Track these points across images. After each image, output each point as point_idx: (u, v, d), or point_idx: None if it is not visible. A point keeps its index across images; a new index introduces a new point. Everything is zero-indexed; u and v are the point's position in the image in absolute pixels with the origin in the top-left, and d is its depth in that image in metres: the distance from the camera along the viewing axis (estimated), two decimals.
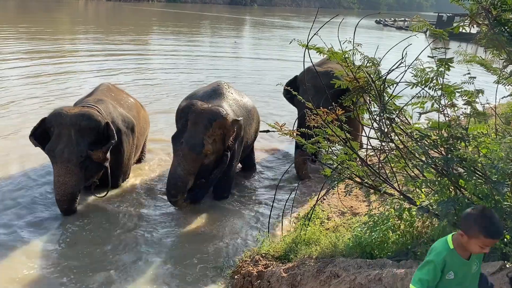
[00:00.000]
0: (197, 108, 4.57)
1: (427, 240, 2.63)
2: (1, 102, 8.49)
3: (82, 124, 4.45)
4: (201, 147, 4.49)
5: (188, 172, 4.52)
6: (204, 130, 4.50)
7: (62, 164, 4.37)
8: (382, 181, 2.84)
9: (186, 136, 4.50)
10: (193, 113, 4.55)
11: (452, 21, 34.80)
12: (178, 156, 4.54)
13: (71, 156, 4.38)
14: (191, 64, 14.68)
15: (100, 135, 4.58)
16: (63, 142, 4.40)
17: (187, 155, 4.49)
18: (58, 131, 4.43)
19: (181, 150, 4.50)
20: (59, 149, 4.37)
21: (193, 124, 4.53)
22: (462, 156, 2.28)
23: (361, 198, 4.70)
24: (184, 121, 4.59)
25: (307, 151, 3.34)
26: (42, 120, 4.58)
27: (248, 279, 3.28)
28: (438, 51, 2.51)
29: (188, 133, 4.52)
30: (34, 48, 15.52)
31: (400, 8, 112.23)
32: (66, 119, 4.43)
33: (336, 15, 2.98)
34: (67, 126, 4.41)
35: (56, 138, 4.42)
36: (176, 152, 4.57)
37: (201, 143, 4.49)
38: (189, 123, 4.55)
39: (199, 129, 4.51)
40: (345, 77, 2.95)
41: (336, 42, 2.81)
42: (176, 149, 4.59)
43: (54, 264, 3.83)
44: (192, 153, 4.48)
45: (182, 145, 4.49)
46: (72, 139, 4.41)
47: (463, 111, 2.71)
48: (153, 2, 60.51)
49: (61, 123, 4.42)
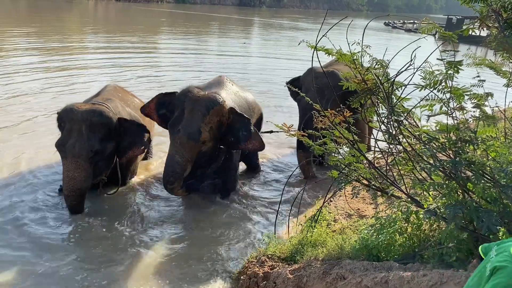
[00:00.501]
0: (193, 95, 4.56)
1: (434, 244, 2.62)
2: (10, 99, 8.59)
3: (94, 120, 4.49)
4: (198, 134, 4.48)
5: (186, 159, 4.51)
6: (201, 117, 4.49)
7: (72, 159, 4.40)
8: (390, 184, 2.83)
9: (184, 124, 4.48)
10: (190, 100, 4.53)
11: (462, 24, 34.71)
12: (175, 143, 4.51)
13: (82, 151, 4.41)
14: (200, 64, 14.74)
15: (112, 132, 4.63)
16: (74, 137, 4.43)
17: (185, 143, 4.47)
18: (69, 126, 4.46)
19: (178, 138, 4.48)
20: (70, 144, 4.41)
21: (190, 111, 4.51)
22: (470, 159, 2.27)
23: (368, 200, 4.68)
24: (181, 108, 4.56)
25: (312, 152, 3.34)
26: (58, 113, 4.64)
27: (254, 280, 3.28)
28: (447, 53, 2.50)
29: (185, 120, 4.49)
30: (43, 46, 15.69)
31: (409, 10, 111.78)
32: (78, 114, 4.47)
33: (345, 17, 2.99)
34: (78, 121, 4.45)
35: (67, 133, 4.46)
36: (174, 140, 4.54)
37: (198, 130, 4.47)
38: (185, 110, 4.52)
39: (196, 116, 4.49)
40: (353, 79, 2.95)
41: (344, 44, 2.81)
42: (173, 137, 4.55)
43: (61, 262, 3.85)
44: (189, 140, 4.47)
45: (180, 133, 4.46)
46: (83, 134, 4.44)
47: (472, 114, 2.69)
48: (162, 3, 60.76)
49: (72, 118, 4.46)
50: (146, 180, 5.60)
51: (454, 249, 2.38)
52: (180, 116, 4.55)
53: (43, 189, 5.13)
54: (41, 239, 4.17)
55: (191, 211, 4.94)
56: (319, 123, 3.18)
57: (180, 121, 4.53)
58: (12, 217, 4.49)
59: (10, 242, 4.07)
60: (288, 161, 6.65)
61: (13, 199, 4.83)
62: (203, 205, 5.09)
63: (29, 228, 4.32)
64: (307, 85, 5.55)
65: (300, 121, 5.74)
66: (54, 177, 5.40)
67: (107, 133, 4.60)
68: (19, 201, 4.81)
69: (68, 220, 4.53)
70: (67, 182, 4.43)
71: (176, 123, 4.55)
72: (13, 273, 3.65)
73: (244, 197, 5.39)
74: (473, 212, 2.13)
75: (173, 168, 4.49)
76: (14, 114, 7.67)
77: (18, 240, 4.12)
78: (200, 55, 17.00)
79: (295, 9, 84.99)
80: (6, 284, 3.51)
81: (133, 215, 4.74)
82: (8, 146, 6.24)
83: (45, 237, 4.20)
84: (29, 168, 5.62)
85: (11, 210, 4.61)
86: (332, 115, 3.04)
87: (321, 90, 5.08)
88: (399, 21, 54.27)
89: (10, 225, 4.34)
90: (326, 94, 5.13)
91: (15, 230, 4.27)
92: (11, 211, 4.58)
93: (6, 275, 3.61)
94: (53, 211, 4.67)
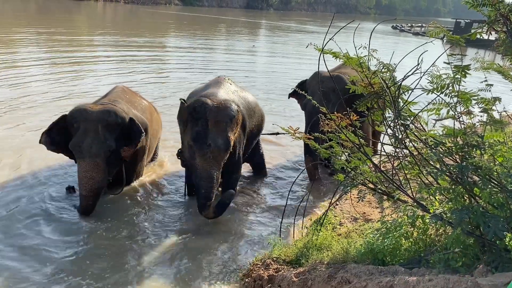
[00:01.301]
0: (213, 107, 4.51)
1: (440, 249, 2.60)
2: (18, 100, 8.69)
3: (109, 120, 4.55)
4: (228, 145, 4.50)
5: (219, 172, 4.53)
6: (227, 127, 4.50)
7: (90, 159, 4.43)
8: (396, 188, 2.82)
9: (212, 137, 4.43)
10: (212, 112, 4.48)
11: (470, 28, 34.52)
12: (206, 158, 4.44)
13: (99, 151, 4.45)
14: (207, 66, 14.80)
15: (123, 132, 4.67)
16: (91, 137, 4.45)
17: (217, 155, 4.46)
18: (84, 127, 4.48)
19: (210, 152, 4.42)
20: (87, 144, 4.43)
21: (214, 123, 4.47)
22: (477, 164, 2.26)
23: (374, 204, 4.67)
24: (204, 121, 4.47)
25: (319, 156, 3.34)
26: (62, 117, 4.64)
27: (259, 282, 3.28)
28: (454, 57, 2.48)
29: (212, 133, 4.45)
30: (52, 48, 15.85)
31: (417, 14, 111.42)
32: (92, 114, 4.50)
33: (352, 20, 2.98)
34: (93, 121, 4.48)
35: (82, 133, 4.47)
36: (204, 155, 4.44)
37: (228, 141, 4.49)
38: (209, 123, 4.46)
39: (222, 127, 4.48)
40: (359, 82, 2.94)
41: (351, 47, 2.81)
42: (203, 152, 4.44)
43: (68, 264, 3.88)
44: (221, 152, 4.47)
45: (211, 147, 4.41)
46: (99, 134, 4.48)
47: (479, 118, 2.68)
48: (170, 5, 61.06)
49: (87, 118, 4.49)
50: (150, 182, 5.61)
51: (460, 254, 2.36)
52: (204, 129, 4.46)
53: (47, 188, 5.16)
54: (47, 241, 4.19)
55: (196, 213, 4.94)
56: (326, 126, 3.17)
57: (205, 134, 4.45)
58: (19, 218, 4.52)
59: (15, 243, 4.08)
60: (294, 164, 6.65)
61: (20, 197, 4.87)
62: None
63: (34, 227, 4.35)
64: (313, 89, 5.56)
65: (306, 124, 5.74)
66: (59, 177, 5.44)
67: (120, 133, 4.65)
68: (24, 201, 4.85)
69: (74, 220, 4.55)
70: (85, 182, 4.44)
71: (201, 137, 4.45)
72: (16, 274, 3.64)
73: (250, 199, 5.39)
74: (480, 217, 2.11)
75: (211, 184, 4.45)
76: (21, 113, 7.75)
77: (23, 242, 4.14)
78: (207, 57, 17.06)
79: (303, 12, 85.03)
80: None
81: (137, 217, 4.76)
82: (17, 144, 6.30)
83: (51, 240, 4.22)
84: (35, 168, 5.66)
85: (16, 210, 4.65)
86: (338, 118, 3.03)
87: (327, 94, 5.08)
88: (407, 25, 54.14)
89: (14, 226, 4.36)
90: (331, 98, 5.14)
91: (18, 231, 4.28)
92: (15, 211, 4.62)
93: (9, 277, 3.60)
94: (59, 211, 4.70)
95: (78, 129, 4.51)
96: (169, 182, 5.69)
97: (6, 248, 3.98)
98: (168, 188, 5.52)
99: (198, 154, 4.47)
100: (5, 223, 4.37)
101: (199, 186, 4.48)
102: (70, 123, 4.58)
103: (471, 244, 2.38)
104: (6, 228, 4.28)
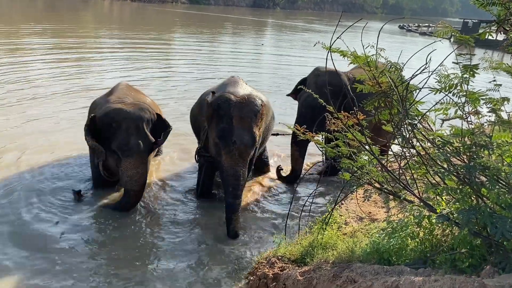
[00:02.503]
0: (237, 103, 4.48)
1: (446, 249, 2.59)
2: (25, 95, 8.78)
3: (146, 117, 4.67)
4: (254, 140, 4.49)
5: (246, 169, 4.51)
6: (251, 123, 4.48)
7: (139, 155, 4.51)
8: (402, 188, 2.81)
9: (238, 134, 4.40)
10: (236, 108, 4.45)
11: (478, 28, 34.20)
12: (233, 155, 4.40)
13: (146, 148, 4.56)
14: (213, 65, 14.83)
15: (151, 127, 4.78)
16: (135, 135, 4.53)
17: (243, 152, 4.43)
18: (126, 125, 4.52)
19: (236, 149, 4.38)
20: (134, 142, 4.49)
21: (239, 119, 4.44)
22: (485, 164, 2.24)
23: (380, 204, 4.65)
24: (228, 117, 4.43)
25: (305, 147, 3.28)
26: (92, 118, 4.63)
27: (264, 281, 3.28)
28: (463, 57, 2.47)
29: (237, 129, 4.41)
30: (58, 44, 15.96)
31: (424, 13, 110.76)
32: (131, 113, 4.58)
33: (360, 19, 2.97)
34: (134, 119, 4.56)
35: (125, 132, 4.51)
36: (230, 152, 4.41)
37: (253, 136, 4.47)
38: (234, 119, 4.43)
39: (247, 123, 4.46)
40: (367, 81, 2.93)
41: (358, 46, 2.80)
42: (228, 149, 4.41)
43: (79, 262, 3.91)
44: (247, 149, 4.45)
45: (237, 144, 4.37)
46: (143, 132, 4.57)
47: (487, 118, 2.66)
48: (177, 4, 61.08)
49: (126, 117, 4.54)
50: (157, 179, 5.63)
51: (467, 255, 2.35)
52: (229, 126, 4.42)
53: (60, 183, 5.20)
54: (59, 238, 4.23)
55: (203, 211, 4.95)
56: (332, 125, 3.16)
57: (230, 131, 4.41)
58: (32, 213, 4.55)
59: (19, 245, 4.08)
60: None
61: (34, 195, 4.89)
62: (214, 206, 5.10)
63: (48, 226, 4.38)
64: (309, 82, 5.59)
65: (297, 116, 5.70)
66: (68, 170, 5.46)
67: (151, 129, 4.78)
68: (39, 196, 4.91)
69: (84, 218, 4.58)
70: (138, 178, 4.53)
71: (226, 134, 4.41)
72: (21, 275, 3.66)
73: (254, 198, 5.39)
74: (487, 218, 2.10)
75: (241, 181, 4.43)
76: (25, 112, 7.81)
77: (37, 239, 4.18)
78: (213, 55, 17.07)
79: (309, 11, 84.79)
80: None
81: (144, 215, 4.78)
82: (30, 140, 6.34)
83: (63, 236, 4.26)
84: (45, 163, 5.70)
85: (29, 206, 4.68)
86: (345, 117, 3.02)
87: (321, 88, 5.13)
88: (414, 24, 53.86)
89: (21, 226, 4.40)
90: (324, 92, 5.17)
91: (24, 232, 4.31)
92: (29, 207, 4.65)
93: (14, 278, 3.62)
94: (69, 209, 4.73)
95: (118, 129, 4.52)
96: (178, 180, 5.69)
97: (10, 250, 3.98)
98: (176, 186, 5.53)
99: (224, 151, 4.44)
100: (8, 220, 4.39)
101: (227, 184, 4.44)
102: (106, 123, 4.56)
103: (478, 245, 2.36)
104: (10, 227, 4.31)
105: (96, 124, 4.58)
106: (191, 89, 10.40)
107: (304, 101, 5.43)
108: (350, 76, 5.60)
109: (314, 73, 5.63)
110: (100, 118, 4.58)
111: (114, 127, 4.53)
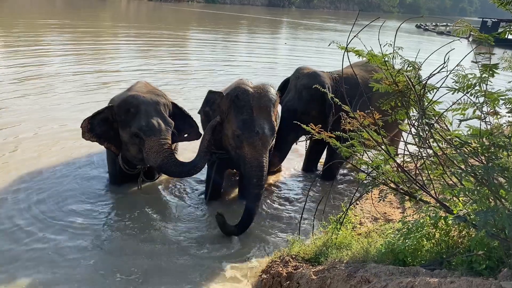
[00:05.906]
0: (255, 93, 4.46)
1: (463, 251, 2.56)
2: (42, 91, 8.95)
3: (162, 101, 4.75)
4: (274, 129, 4.50)
5: (267, 159, 4.50)
6: (270, 112, 4.48)
7: (158, 135, 4.50)
8: (419, 188, 2.78)
9: (259, 124, 4.36)
10: (255, 98, 4.43)
11: (497, 27, 33.64)
12: (256, 146, 4.35)
13: (166, 127, 4.61)
14: (229, 64, 14.82)
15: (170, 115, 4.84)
16: (154, 116, 4.58)
17: (266, 142, 4.40)
18: (145, 108, 4.57)
19: (259, 139, 4.33)
20: (155, 122, 4.53)
21: (258, 109, 4.40)
22: (504, 165, 2.21)
23: (395, 204, 4.62)
24: (248, 108, 4.38)
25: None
26: (107, 108, 4.71)
27: (278, 279, 3.29)
28: (482, 56, 2.44)
29: (258, 120, 4.37)
30: (75, 41, 16.25)
31: (442, 13, 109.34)
32: (148, 98, 4.65)
33: (377, 18, 2.95)
34: (151, 103, 4.63)
35: (144, 114, 4.55)
36: (253, 143, 4.34)
37: (273, 126, 4.48)
38: (254, 109, 4.38)
39: (266, 112, 4.44)
40: (384, 80, 2.91)
41: (374, 45, 2.78)
42: (252, 140, 4.33)
43: (89, 256, 3.97)
44: (269, 138, 4.44)
45: (259, 134, 4.33)
46: (161, 113, 4.65)
47: (506, 119, 2.62)
48: (193, 3, 61.48)
49: (144, 101, 4.60)
50: (165, 177, 5.63)
51: (483, 257, 2.32)
52: (249, 117, 4.36)
53: (74, 180, 5.28)
54: (68, 234, 4.29)
55: (211, 208, 4.96)
56: (347, 125, 3.15)
57: (252, 122, 4.35)
58: (42, 210, 4.63)
59: (31, 243, 4.09)
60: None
61: (46, 192, 4.98)
62: (228, 204, 5.13)
63: (59, 221, 4.45)
64: (290, 85, 5.51)
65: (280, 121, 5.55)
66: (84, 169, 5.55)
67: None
68: (52, 194, 4.98)
69: (98, 212, 4.65)
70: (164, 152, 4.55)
71: (248, 125, 4.35)
72: (32, 275, 3.66)
73: (268, 198, 5.39)
74: (505, 220, 2.07)
75: (264, 171, 4.40)
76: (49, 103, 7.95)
77: (50, 236, 4.24)
78: (229, 55, 17.10)
79: (325, 10, 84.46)
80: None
81: (156, 211, 4.83)
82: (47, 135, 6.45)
83: (73, 231, 4.32)
84: (59, 162, 5.79)
85: (41, 202, 4.76)
86: (361, 116, 3.01)
87: (300, 91, 5.22)
88: (431, 24, 53.25)
89: (37, 219, 4.48)
90: (304, 95, 5.15)
91: (41, 225, 4.39)
92: (41, 203, 4.73)
93: (14, 277, 3.62)
94: (79, 202, 4.81)
95: (137, 113, 4.55)
96: (185, 179, 5.71)
97: (18, 248, 4.00)
98: (189, 183, 5.57)
99: (246, 143, 4.37)
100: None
101: (251, 176, 4.37)
102: (124, 109, 4.59)
103: (495, 247, 2.33)
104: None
105: (115, 113, 4.64)
106: (206, 87, 10.44)
107: (285, 105, 5.35)
108: (335, 76, 5.47)
109: (295, 75, 5.47)
110: (118, 105, 4.63)
111: (132, 112, 4.55)
